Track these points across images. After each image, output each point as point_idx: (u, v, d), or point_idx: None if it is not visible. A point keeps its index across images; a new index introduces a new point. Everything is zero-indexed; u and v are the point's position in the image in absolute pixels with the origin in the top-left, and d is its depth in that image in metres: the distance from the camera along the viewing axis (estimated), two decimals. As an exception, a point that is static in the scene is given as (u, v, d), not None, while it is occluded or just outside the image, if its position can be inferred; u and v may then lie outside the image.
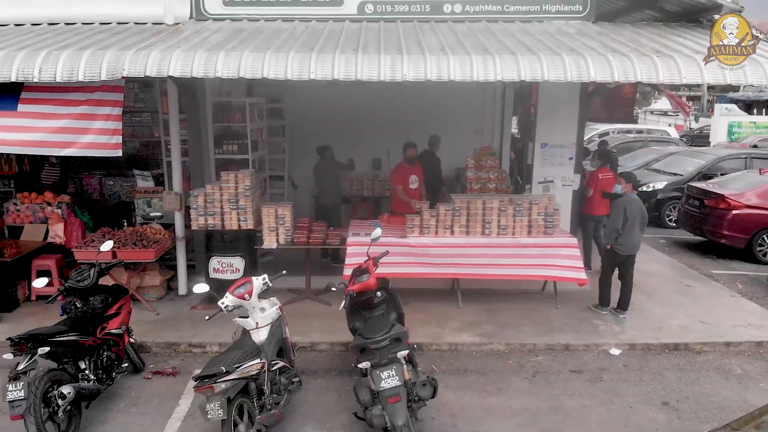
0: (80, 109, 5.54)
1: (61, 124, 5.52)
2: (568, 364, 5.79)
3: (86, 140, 5.63)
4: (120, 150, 5.71)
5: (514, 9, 6.96)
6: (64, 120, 5.52)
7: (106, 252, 5.63)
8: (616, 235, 6.54)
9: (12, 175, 8.98)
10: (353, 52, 5.39)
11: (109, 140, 5.62)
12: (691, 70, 5.31)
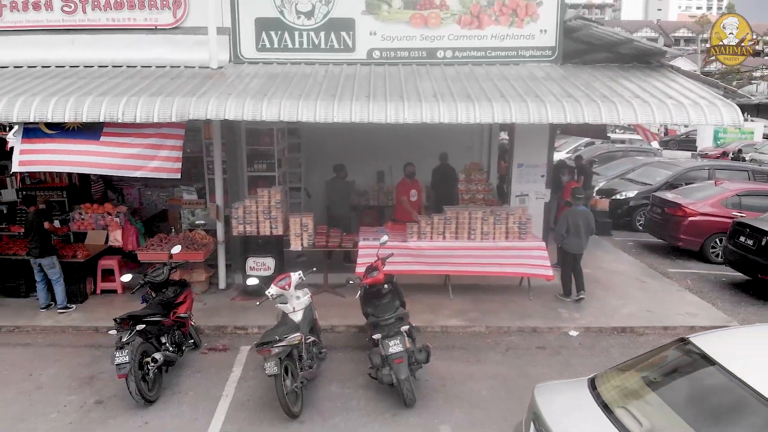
0: (150, 140, 7.09)
1: (134, 152, 7.07)
2: (535, 342, 7.32)
3: (153, 165, 7.17)
4: (179, 173, 7.26)
5: (495, 54, 8.51)
6: (136, 149, 7.06)
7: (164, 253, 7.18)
8: (561, 238, 8.15)
9: (64, 186, 10.51)
10: (366, 99, 6.93)
11: (171, 166, 7.18)
12: (628, 113, 6.81)
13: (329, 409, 5.79)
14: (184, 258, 7.86)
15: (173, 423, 5.63)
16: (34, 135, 7.06)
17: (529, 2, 8.42)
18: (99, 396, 6.12)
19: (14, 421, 5.68)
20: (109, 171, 7.25)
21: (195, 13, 8.35)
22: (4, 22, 8.58)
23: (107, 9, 8.40)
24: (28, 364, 6.86)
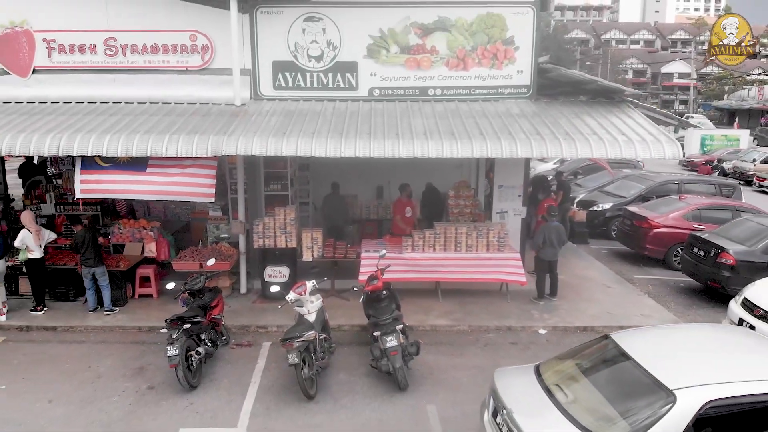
0: (188, 170, 8.49)
1: (176, 180, 8.46)
2: (509, 339, 8.72)
3: (191, 190, 8.58)
4: (213, 197, 8.66)
5: (478, 92, 9.91)
6: (177, 177, 8.46)
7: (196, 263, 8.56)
8: (538, 248, 9.57)
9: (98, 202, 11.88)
10: (367, 137, 8.32)
11: (206, 191, 8.58)
12: (585, 149, 8.21)
13: (339, 392, 7.19)
14: (214, 267, 9.23)
15: (213, 404, 7.02)
16: (91, 167, 8.46)
17: (507, 47, 9.81)
18: (150, 383, 7.51)
19: (84, 404, 7.06)
20: (155, 197, 8.67)
21: (220, 57, 9.73)
22: (52, 62, 9.96)
23: (144, 53, 9.78)
24: (86, 358, 8.25)
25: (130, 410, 6.91)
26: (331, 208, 11.35)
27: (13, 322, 9.26)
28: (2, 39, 9.90)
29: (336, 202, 11.35)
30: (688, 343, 5.42)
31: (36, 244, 9.39)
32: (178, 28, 9.69)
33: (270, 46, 9.76)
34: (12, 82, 10.00)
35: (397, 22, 9.71)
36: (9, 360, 8.21)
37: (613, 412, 4.71)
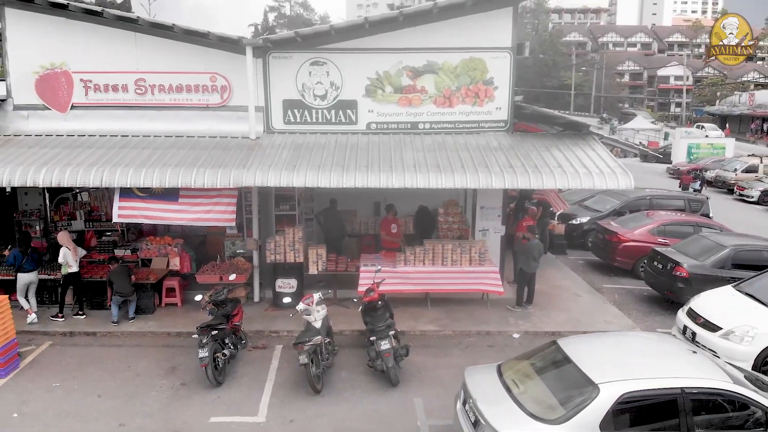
0: (214, 200, 9.92)
1: (203, 209, 9.89)
2: (487, 342, 10.13)
3: (216, 217, 10.02)
4: (234, 222, 10.08)
5: (462, 126, 11.33)
6: (204, 206, 9.89)
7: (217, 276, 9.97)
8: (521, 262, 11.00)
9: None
10: (365, 169, 9.72)
11: (229, 216, 10.02)
12: (549, 181, 9.62)
13: (341, 387, 8.61)
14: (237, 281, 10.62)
15: (237, 397, 8.43)
16: (128, 195, 9.89)
17: (488, 87, 11.22)
18: (182, 380, 8.92)
19: (128, 398, 8.47)
20: (185, 223, 10.15)
21: (237, 95, 11.15)
22: (88, 99, 11.37)
23: (170, 92, 11.20)
24: (125, 359, 9.65)
25: (168, 403, 8.32)
26: (328, 222, 12.75)
27: (58, 328, 10.67)
28: (43, 78, 11.31)
29: (333, 216, 12.75)
30: (616, 348, 6.85)
31: (74, 260, 10.80)
32: (200, 71, 11.11)
33: (280, 87, 11.18)
34: (52, 116, 11.42)
35: (391, 66, 11.12)
36: (58, 361, 9.62)
37: (554, 401, 6.12)
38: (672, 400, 5.98)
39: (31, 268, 10.97)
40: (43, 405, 8.30)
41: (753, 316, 9.27)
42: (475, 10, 10.83)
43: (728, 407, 6.17)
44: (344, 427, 7.73)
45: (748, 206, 26.98)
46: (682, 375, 6.20)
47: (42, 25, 11.11)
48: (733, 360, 8.71)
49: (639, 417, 6.00)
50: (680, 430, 5.90)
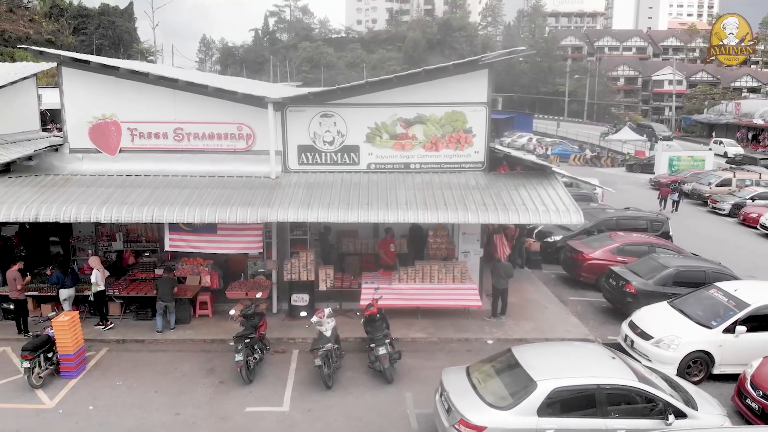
0: (245, 232, 12.21)
1: (236, 239, 12.17)
2: (466, 347, 12.36)
3: (246, 246, 12.36)
4: (261, 248, 12.32)
5: (446, 167, 13.56)
6: (237, 237, 12.17)
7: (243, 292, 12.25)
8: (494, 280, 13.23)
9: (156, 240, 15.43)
10: (366, 206, 11.96)
11: (256, 245, 12.38)
12: (514, 217, 11.86)
13: (347, 384, 10.86)
14: (255, 295, 12.86)
15: (265, 391, 10.67)
16: (176, 229, 12.15)
17: (467, 134, 13.47)
18: (221, 379, 11.16)
19: (179, 394, 10.70)
20: (223, 251, 12.44)
21: (260, 142, 13.37)
22: (134, 144, 13.60)
23: (204, 138, 13.43)
24: (171, 362, 11.88)
25: (211, 397, 10.57)
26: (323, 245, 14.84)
27: (111, 336, 12.90)
28: (96, 127, 13.55)
29: (326, 240, 14.85)
30: (554, 354, 9.13)
31: (102, 280, 13.00)
32: (229, 121, 13.35)
33: (296, 134, 13.41)
34: (103, 158, 13.65)
35: (387, 118, 13.36)
36: (117, 364, 11.85)
37: (506, 393, 8.37)
38: (591, 393, 8.25)
39: (71, 285, 13.21)
40: (112, 399, 10.54)
41: (679, 328, 11.53)
42: (456, 72, 13.08)
43: (637, 399, 8.41)
44: (350, 415, 9.99)
45: (720, 219, 29.13)
46: (599, 375, 8.46)
47: (94, 83, 13.33)
48: (662, 363, 11.03)
49: (566, 406, 8.23)
50: (597, 416, 8.15)
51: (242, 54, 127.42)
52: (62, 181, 13.22)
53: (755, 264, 20.94)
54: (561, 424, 8.07)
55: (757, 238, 25.46)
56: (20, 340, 12.48)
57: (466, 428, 8.04)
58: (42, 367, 10.90)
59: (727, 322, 11.35)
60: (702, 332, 11.36)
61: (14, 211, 12.06)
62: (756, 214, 26.92)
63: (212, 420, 9.89)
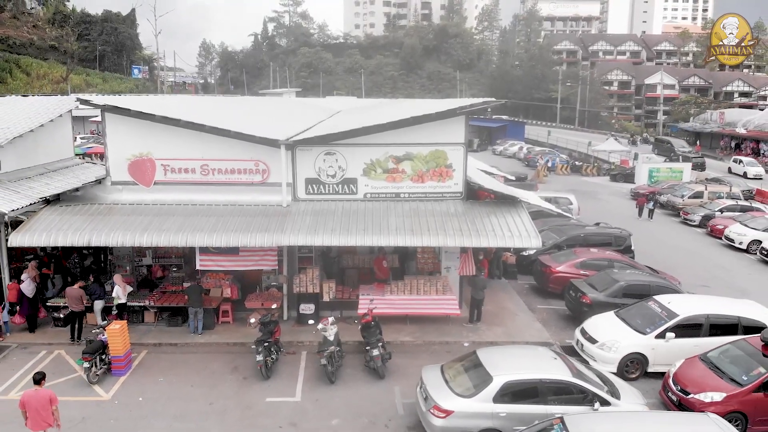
0: (262, 253, 14.68)
1: (255, 259, 14.69)
2: (446, 349, 14.85)
3: (263, 263, 14.92)
4: (276, 266, 14.81)
5: (431, 196, 16.06)
6: (256, 257, 14.67)
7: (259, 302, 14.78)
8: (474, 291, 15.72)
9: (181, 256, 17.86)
10: (362, 232, 14.45)
11: (272, 263, 14.77)
12: (484, 241, 14.34)
13: (347, 379, 13.36)
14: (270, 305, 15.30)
15: (280, 385, 13.16)
16: (205, 251, 14.63)
17: (448, 169, 15.96)
18: (244, 375, 13.64)
19: (211, 387, 13.18)
20: (244, 269, 14.90)
21: (274, 175, 15.83)
22: (167, 178, 16.05)
23: (226, 173, 15.90)
24: (202, 362, 14.34)
25: (237, 390, 13.05)
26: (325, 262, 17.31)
27: (149, 340, 15.36)
28: (134, 163, 16.00)
29: (328, 256, 17.29)
30: (509, 355, 11.66)
31: (123, 295, 15.44)
32: (247, 158, 15.81)
33: (304, 169, 15.89)
34: (140, 190, 16.10)
35: (381, 155, 15.85)
36: (157, 364, 14.31)
37: (470, 385, 10.87)
38: (535, 386, 10.76)
39: (103, 297, 15.63)
40: (156, 392, 13.02)
41: (620, 334, 14.04)
42: (438, 118, 15.57)
43: (572, 390, 10.90)
44: (350, 404, 12.49)
45: (690, 229, 31.48)
46: (541, 371, 10.98)
47: (133, 126, 15.78)
48: (605, 363, 13.53)
49: (515, 395, 10.73)
50: (539, 403, 10.64)
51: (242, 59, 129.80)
52: (106, 210, 15.68)
53: (713, 274, 23.42)
54: (511, 409, 10.58)
55: (721, 248, 27.83)
56: (71, 345, 15.04)
57: (438, 412, 10.55)
58: (98, 366, 13.36)
59: (659, 329, 13.86)
60: (638, 337, 13.87)
61: (70, 236, 14.53)
62: (722, 226, 29.24)
63: (240, 408, 12.38)
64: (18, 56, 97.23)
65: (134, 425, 11.86)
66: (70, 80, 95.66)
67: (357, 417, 12.11)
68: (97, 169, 20.91)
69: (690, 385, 12.15)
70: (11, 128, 17.35)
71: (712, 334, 13.92)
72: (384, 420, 12.03)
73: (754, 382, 11.76)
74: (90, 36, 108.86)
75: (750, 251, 26.66)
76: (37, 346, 15.07)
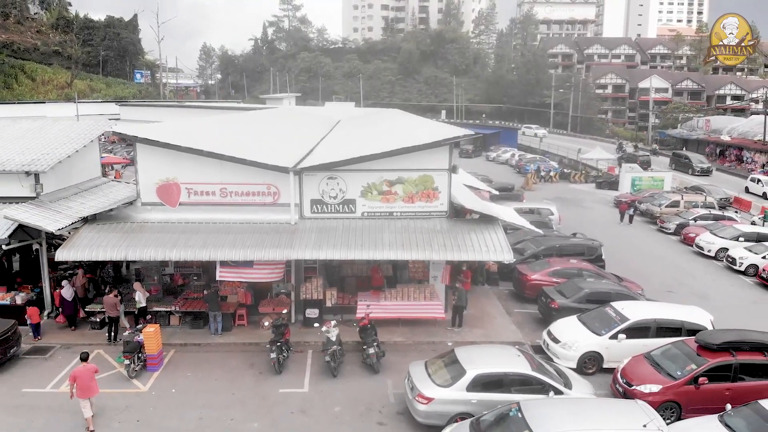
0: (273, 265, 17.05)
1: (267, 271, 17.05)
2: (432, 348, 17.23)
3: (274, 275, 17.20)
4: (282, 277, 17.22)
5: (420, 214, 18.46)
6: (268, 269, 17.04)
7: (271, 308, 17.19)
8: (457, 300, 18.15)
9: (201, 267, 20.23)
10: (360, 248, 16.87)
11: (278, 275, 17.16)
12: (464, 256, 16.75)
13: (347, 374, 15.79)
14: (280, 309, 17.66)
15: (291, 379, 15.57)
16: (225, 264, 17.02)
17: (434, 191, 18.37)
18: (259, 370, 16.05)
19: (232, 380, 15.58)
20: (257, 280, 17.26)
21: (283, 197, 18.22)
22: (190, 199, 18.44)
23: (242, 195, 18.29)
24: (222, 359, 16.74)
25: (254, 383, 15.46)
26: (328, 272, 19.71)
27: (176, 340, 17.74)
28: (162, 187, 18.38)
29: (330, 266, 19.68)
30: (481, 352, 14.07)
31: (144, 299, 17.83)
32: (260, 182, 18.20)
33: (309, 191, 18.29)
34: (166, 210, 18.49)
35: (376, 179, 18.25)
36: (184, 361, 16.70)
37: (448, 377, 13.30)
38: (500, 378, 13.18)
39: None
40: (186, 385, 15.41)
41: (579, 335, 16.46)
42: (426, 148, 17.98)
43: (531, 381, 13.30)
44: (350, 394, 14.91)
45: (666, 237, 33.74)
46: (507, 366, 13.40)
47: (161, 155, 18.16)
48: (566, 360, 15.95)
49: (485, 385, 13.13)
50: (504, 392, 13.05)
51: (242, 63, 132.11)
52: (138, 227, 18.06)
53: (680, 281, 25.76)
54: (481, 397, 12.98)
55: (691, 256, 30.15)
56: (108, 345, 17.41)
57: (422, 399, 12.97)
58: (136, 363, 15.75)
59: (613, 331, 16.28)
60: (595, 338, 16.30)
61: (109, 252, 16.93)
62: (694, 234, 31.58)
63: (257, 398, 14.79)
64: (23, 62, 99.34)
65: (170, 413, 14.26)
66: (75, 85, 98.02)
67: (355, 405, 14.52)
68: (122, 187, 23.33)
69: (634, 378, 14.56)
70: (51, 153, 19.68)
71: (659, 335, 16.32)
72: (378, 407, 14.45)
73: (686, 377, 14.16)
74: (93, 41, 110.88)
75: (718, 258, 28.93)
76: (78, 347, 17.35)
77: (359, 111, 41.04)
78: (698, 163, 55.10)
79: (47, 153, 19.70)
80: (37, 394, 14.95)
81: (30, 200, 18.80)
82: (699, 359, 14.44)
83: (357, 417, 14.11)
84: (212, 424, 13.75)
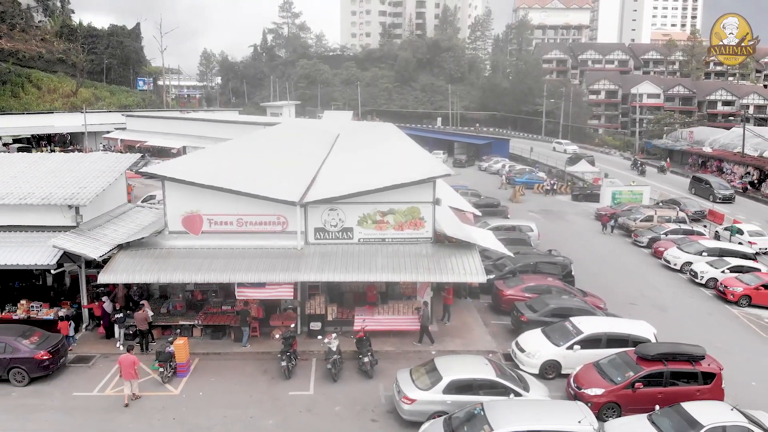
0: (283, 285, 20.05)
1: (279, 290, 20.06)
2: (418, 356, 20.22)
3: (283, 294, 20.17)
4: (292, 295, 20.25)
5: (408, 240, 21.48)
6: (278, 289, 20.05)
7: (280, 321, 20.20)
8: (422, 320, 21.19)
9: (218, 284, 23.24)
10: (357, 270, 19.89)
11: (287, 293, 20.16)
12: (444, 277, 19.78)
13: (346, 379, 18.82)
14: (289, 323, 20.65)
15: (298, 383, 18.59)
16: (242, 285, 20.01)
17: (421, 221, 21.38)
18: (272, 376, 19.06)
19: (249, 384, 18.59)
20: (269, 297, 20.26)
21: (291, 225, 21.20)
22: (211, 228, 21.40)
23: (256, 224, 21.27)
24: (240, 367, 19.73)
25: (268, 386, 18.48)
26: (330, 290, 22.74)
27: (199, 350, 20.72)
28: (186, 218, 21.35)
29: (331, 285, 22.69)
30: (456, 362, 17.09)
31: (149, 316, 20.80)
32: (271, 213, 21.17)
33: (313, 220, 21.29)
34: (190, 238, 21.46)
35: (371, 210, 21.26)
36: (207, 368, 19.69)
37: (428, 382, 16.36)
38: (470, 383, 16.21)
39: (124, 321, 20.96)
40: (211, 389, 18.42)
41: (541, 345, 19.49)
42: (413, 184, 20.97)
43: (496, 385, 16.33)
44: (348, 396, 17.94)
45: (639, 251, 36.62)
46: (475, 372, 16.42)
47: (186, 191, 21.11)
48: (530, 367, 18.98)
49: (458, 389, 16.16)
50: (474, 394, 16.06)
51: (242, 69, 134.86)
52: (166, 253, 21.05)
53: (644, 293, 28.75)
54: (454, 398, 16.01)
55: (659, 269, 33.08)
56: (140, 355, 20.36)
57: (406, 400, 16.02)
58: (168, 370, 18.74)
59: (569, 342, 19.32)
60: (554, 348, 19.32)
61: (144, 275, 19.93)
62: (663, 248, 34.55)
63: (271, 400, 17.81)
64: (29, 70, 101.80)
65: (199, 412, 17.26)
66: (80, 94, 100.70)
67: (353, 405, 17.54)
68: (146, 212, 26.31)
69: (584, 383, 17.58)
70: (88, 187, 22.62)
71: (609, 346, 19.32)
72: (371, 407, 17.48)
73: (625, 382, 17.19)
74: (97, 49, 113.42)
75: (683, 271, 31.92)
76: (116, 356, 20.34)
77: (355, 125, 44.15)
78: (719, 189, 50.95)
79: (84, 186, 22.63)
80: (86, 397, 17.94)
81: (71, 229, 21.77)
82: (637, 367, 17.47)
83: (354, 415, 17.11)
84: (235, 421, 16.76)
